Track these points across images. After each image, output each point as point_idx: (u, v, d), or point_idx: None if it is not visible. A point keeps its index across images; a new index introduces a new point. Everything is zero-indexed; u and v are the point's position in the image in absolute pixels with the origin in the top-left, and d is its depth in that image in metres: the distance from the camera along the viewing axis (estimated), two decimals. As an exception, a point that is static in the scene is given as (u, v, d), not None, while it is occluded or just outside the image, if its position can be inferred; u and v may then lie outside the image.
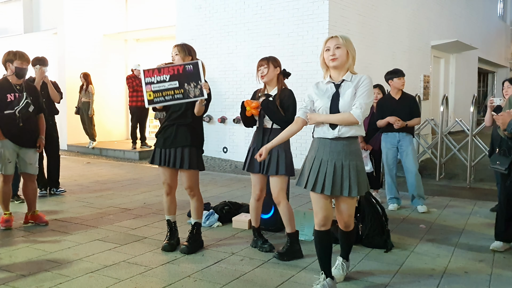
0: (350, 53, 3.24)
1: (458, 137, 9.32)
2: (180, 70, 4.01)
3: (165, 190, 4.36)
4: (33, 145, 5.12)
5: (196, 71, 3.99)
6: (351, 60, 3.26)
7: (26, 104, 4.94)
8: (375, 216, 4.51)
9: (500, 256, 4.28)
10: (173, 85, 4.00)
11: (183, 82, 3.99)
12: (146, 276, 3.73)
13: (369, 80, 3.25)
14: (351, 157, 3.24)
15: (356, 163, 3.25)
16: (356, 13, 9.49)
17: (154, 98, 4.02)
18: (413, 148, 5.98)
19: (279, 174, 4.11)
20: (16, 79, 5.01)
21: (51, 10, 13.17)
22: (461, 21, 15.72)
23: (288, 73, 4.33)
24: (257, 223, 4.46)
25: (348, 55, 3.24)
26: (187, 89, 3.98)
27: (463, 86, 16.01)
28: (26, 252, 4.27)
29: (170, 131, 4.18)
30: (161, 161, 4.22)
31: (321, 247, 3.43)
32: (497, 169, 4.31)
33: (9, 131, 4.91)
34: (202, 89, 3.97)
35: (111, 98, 13.00)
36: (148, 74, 4.03)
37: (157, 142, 4.27)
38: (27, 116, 4.99)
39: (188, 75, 3.99)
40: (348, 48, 3.23)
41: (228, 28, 10.03)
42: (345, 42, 3.22)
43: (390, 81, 6.00)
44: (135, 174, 8.74)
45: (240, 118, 4.45)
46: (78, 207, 6.04)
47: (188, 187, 4.28)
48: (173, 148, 4.17)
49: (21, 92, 4.99)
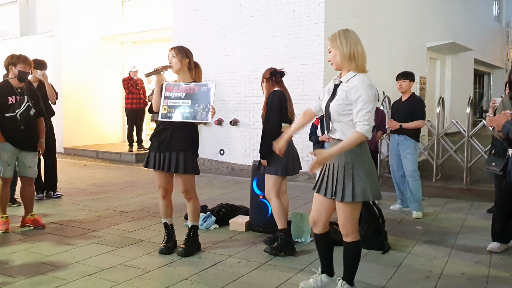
0: (340, 52, 3.05)
1: (455, 138, 9.36)
2: (196, 90, 4.12)
3: (161, 193, 4.35)
4: (34, 149, 5.11)
5: (208, 94, 4.09)
6: (343, 59, 3.05)
7: (27, 107, 4.94)
8: (372, 217, 4.52)
9: (497, 257, 4.29)
10: (186, 103, 4.10)
11: (194, 103, 4.09)
12: (143, 279, 3.72)
13: (362, 83, 2.98)
14: (346, 159, 3.06)
15: (352, 165, 3.05)
16: (352, 15, 9.51)
17: (167, 112, 4.11)
18: (411, 152, 5.81)
19: (266, 173, 4.35)
20: (17, 82, 5.01)
21: (47, 13, 13.14)
22: (457, 22, 15.78)
23: (278, 72, 4.38)
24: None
25: (339, 54, 3.06)
26: (196, 109, 4.08)
27: (459, 87, 16.06)
28: (23, 256, 4.26)
29: (165, 135, 4.15)
30: (156, 165, 4.19)
31: (317, 248, 3.46)
32: (493, 171, 4.32)
33: (9, 134, 4.90)
34: (208, 112, 4.05)
35: (107, 101, 12.99)
36: (169, 89, 4.15)
37: (152, 146, 4.24)
38: (28, 119, 4.99)
39: (201, 96, 4.09)
40: (336, 48, 3.07)
41: (224, 30, 10.04)
42: (332, 44, 3.09)
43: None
44: (131, 176, 8.73)
45: (236, 120, 4.56)
46: (74, 210, 6.02)
47: (184, 191, 4.27)
48: (168, 152, 4.14)
49: (22, 95, 4.99)
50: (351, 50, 3.03)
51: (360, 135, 2.94)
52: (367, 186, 3.04)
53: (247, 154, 9.78)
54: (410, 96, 5.91)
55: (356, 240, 3.18)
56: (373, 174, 3.14)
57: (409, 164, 5.81)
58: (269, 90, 4.37)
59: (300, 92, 8.54)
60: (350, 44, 3.04)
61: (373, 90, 3.00)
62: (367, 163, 3.10)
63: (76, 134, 12.22)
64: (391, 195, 6.73)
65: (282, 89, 4.37)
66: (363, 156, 3.08)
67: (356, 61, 3.05)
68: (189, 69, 4.24)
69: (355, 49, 3.04)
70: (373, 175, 3.12)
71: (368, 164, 3.10)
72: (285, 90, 4.39)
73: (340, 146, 2.99)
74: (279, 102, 4.26)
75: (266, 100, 4.35)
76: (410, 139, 5.82)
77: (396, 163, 6.02)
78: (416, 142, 5.88)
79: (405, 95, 5.93)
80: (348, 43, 3.04)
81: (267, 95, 4.37)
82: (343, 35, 3.06)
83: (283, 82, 4.46)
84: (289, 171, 4.34)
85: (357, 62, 3.06)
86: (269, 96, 4.33)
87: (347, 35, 3.07)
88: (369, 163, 3.11)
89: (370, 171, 3.10)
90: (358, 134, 2.94)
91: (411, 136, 5.82)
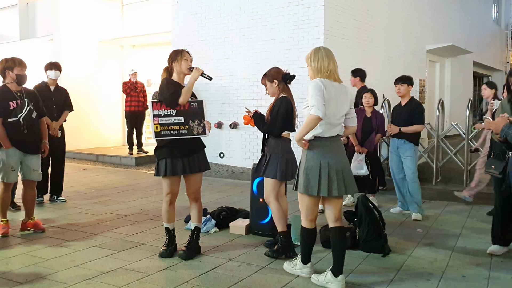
0: (310, 67, 3.69)
1: (454, 141, 9.34)
2: (186, 107, 4.19)
3: (169, 199, 4.31)
4: (37, 151, 5.12)
5: (200, 110, 4.26)
6: (312, 73, 3.70)
7: (29, 111, 4.93)
8: (372, 220, 4.52)
9: (498, 260, 4.29)
10: (178, 120, 4.15)
11: (188, 119, 4.18)
12: (143, 283, 3.72)
13: (311, 84, 3.54)
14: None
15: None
16: (352, 18, 9.52)
17: (160, 131, 4.09)
18: (411, 155, 5.83)
19: (265, 176, 4.36)
20: (16, 86, 4.99)
21: (47, 17, 13.15)
22: (456, 25, 15.80)
23: (290, 76, 4.37)
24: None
25: (310, 69, 3.71)
26: (191, 125, 4.19)
27: (459, 90, 16.06)
28: (23, 259, 4.25)
29: (184, 139, 4.18)
30: (185, 170, 4.20)
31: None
32: (492, 174, 4.32)
33: (14, 138, 4.89)
34: (205, 127, 4.22)
35: (107, 104, 12.99)
36: (156, 106, 4.12)
37: (172, 153, 4.16)
38: (31, 122, 4.98)
39: (193, 113, 4.21)
40: (308, 64, 3.70)
41: (224, 33, 10.04)
42: (306, 60, 3.72)
43: None
44: (131, 180, 8.73)
45: (236, 123, 4.61)
46: (74, 214, 6.02)
47: (196, 190, 4.36)
48: (196, 154, 4.27)
49: (22, 99, 4.97)
50: (315, 66, 3.65)
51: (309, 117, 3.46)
52: (300, 178, 3.65)
53: (247, 157, 9.78)
54: (409, 100, 5.93)
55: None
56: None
57: (408, 166, 5.84)
58: (278, 94, 4.34)
59: (300, 95, 8.50)
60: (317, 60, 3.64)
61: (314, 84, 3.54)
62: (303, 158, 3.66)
63: (76, 138, 12.18)
64: (391, 198, 6.74)
65: (288, 95, 4.34)
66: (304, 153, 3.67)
67: (318, 72, 3.64)
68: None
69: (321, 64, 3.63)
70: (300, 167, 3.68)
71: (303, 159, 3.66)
72: (291, 97, 4.36)
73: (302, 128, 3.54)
74: (285, 112, 4.25)
75: (273, 104, 4.32)
76: (409, 143, 5.85)
77: (396, 166, 6.03)
78: (416, 146, 5.91)
79: (404, 99, 5.96)
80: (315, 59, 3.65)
81: (275, 99, 4.34)
82: (309, 56, 3.69)
83: (289, 86, 4.45)
84: (287, 175, 4.36)
85: (322, 74, 3.63)
86: (277, 102, 4.29)
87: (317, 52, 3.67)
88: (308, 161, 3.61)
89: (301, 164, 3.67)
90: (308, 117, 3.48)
91: (410, 140, 5.85)
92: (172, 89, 4.12)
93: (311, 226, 3.73)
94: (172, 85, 4.17)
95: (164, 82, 4.21)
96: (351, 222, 4.77)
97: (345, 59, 8.86)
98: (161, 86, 4.19)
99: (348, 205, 6.34)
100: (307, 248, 3.81)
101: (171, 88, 4.13)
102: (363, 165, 6.16)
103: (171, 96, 4.10)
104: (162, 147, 4.19)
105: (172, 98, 4.10)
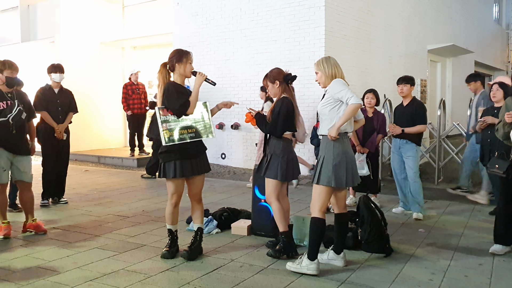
0: (324, 74, 3.96)
1: (456, 140, 9.35)
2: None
3: (175, 202, 4.28)
4: (27, 152, 5.14)
5: (204, 111, 4.31)
6: (325, 78, 3.96)
7: (18, 112, 4.97)
8: (374, 221, 4.51)
9: (500, 259, 4.28)
10: (185, 124, 4.17)
11: (193, 122, 4.21)
12: (145, 284, 3.71)
13: (337, 82, 3.90)
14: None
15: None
16: (352, 19, 9.52)
17: (169, 136, 4.08)
18: (413, 155, 5.82)
19: (266, 177, 4.37)
20: (6, 88, 5.03)
21: (48, 19, 13.17)
22: (457, 25, 15.79)
23: (292, 77, 4.37)
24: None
25: (324, 75, 3.97)
26: (198, 128, 4.23)
27: (460, 89, 16.01)
28: (25, 261, 4.25)
29: (191, 141, 4.19)
30: (193, 171, 4.21)
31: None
32: (496, 173, 4.32)
33: (3, 139, 4.91)
34: (211, 128, 4.29)
35: (108, 106, 13.00)
36: (164, 112, 4.11)
37: (180, 155, 4.14)
38: (20, 123, 5.03)
39: (197, 114, 4.24)
40: (322, 71, 3.97)
41: (225, 35, 10.05)
42: (318, 68, 3.99)
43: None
44: (133, 181, 8.73)
45: (238, 124, 4.65)
46: (76, 216, 6.02)
47: (199, 191, 4.38)
48: (203, 155, 4.31)
49: (12, 100, 5.01)
50: (329, 71, 3.95)
51: (350, 106, 3.76)
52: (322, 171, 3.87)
53: (248, 158, 9.78)
54: (411, 100, 5.93)
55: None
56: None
57: (410, 166, 5.84)
58: (279, 95, 4.35)
59: (301, 96, 8.53)
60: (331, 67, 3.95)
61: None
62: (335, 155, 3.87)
63: (78, 139, 12.13)
64: (393, 198, 6.73)
65: (290, 96, 4.34)
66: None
67: (331, 77, 3.94)
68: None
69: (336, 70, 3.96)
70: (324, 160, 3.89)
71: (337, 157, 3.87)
72: (293, 98, 4.37)
73: (344, 116, 3.80)
74: (287, 113, 4.26)
75: (274, 105, 4.33)
76: (411, 143, 5.84)
77: (398, 166, 6.02)
78: (418, 146, 5.90)
79: (406, 99, 5.95)
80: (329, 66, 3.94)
81: (277, 99, 4.35)
82: (322, 61, 3.98)
83: (290, 87, 4.44)
84: (288, 176, 4.37)
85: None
86: (278, 102, 4.30)
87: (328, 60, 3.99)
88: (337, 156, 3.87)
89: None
90: (349, 106, 3.76)
91: (412, 140, 5.84)
92: (182, 100, 4.08)
93: (324, 216, 3.92)
94: (182, 94, 4.13)
95: (172, 89, 4.11)
96: (353, 222, 4.75)
97: (346, 59, 8.86)
98: (169, 93, 4.09)
99: (350, 205, 6.32)
100: (317, 241, 3.90)
101: (181, 98, 4.09)
102: (364, 165, 6.15)
103: (181, 107, 4.08)
104: (170, 150, 4.13)
105: (182, 110, 4.09)
